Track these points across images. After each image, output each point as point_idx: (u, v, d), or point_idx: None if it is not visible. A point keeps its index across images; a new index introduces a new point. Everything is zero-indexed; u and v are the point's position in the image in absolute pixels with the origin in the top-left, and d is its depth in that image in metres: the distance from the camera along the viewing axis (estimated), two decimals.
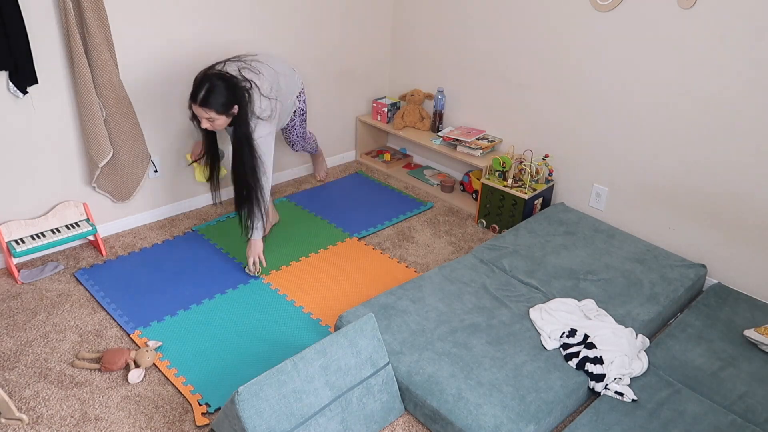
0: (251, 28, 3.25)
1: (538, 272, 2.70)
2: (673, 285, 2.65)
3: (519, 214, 3.18)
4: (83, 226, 2.87)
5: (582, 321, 2.38)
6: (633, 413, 2.04)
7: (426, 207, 3.57)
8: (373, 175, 3.95)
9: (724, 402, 2.11)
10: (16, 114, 2.62)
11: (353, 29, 3.76)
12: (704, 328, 2.47)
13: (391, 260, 3.04)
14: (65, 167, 2.84)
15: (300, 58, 3.55)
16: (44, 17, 2.54)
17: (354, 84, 3.94)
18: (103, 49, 2.63)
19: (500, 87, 3.47)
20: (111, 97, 2.73)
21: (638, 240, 2.98)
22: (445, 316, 2.39)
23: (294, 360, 1.86)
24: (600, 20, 2.92)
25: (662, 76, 2.78)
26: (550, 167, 3.32)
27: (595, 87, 3.03)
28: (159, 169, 3.17)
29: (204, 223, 3.26)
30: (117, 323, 2.50)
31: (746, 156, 2.61)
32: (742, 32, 2.49)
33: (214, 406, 2.13)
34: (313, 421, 1.87)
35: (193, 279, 2.80)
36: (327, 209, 3.49)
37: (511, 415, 1.95)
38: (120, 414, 2.09)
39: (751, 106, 2.54)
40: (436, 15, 3.66)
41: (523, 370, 2.14)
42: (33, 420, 2.05)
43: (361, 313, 2.34)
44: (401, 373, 2.12)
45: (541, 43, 3.19)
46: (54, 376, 2.23)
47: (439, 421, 2.02)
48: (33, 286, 2.70)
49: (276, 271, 2.89)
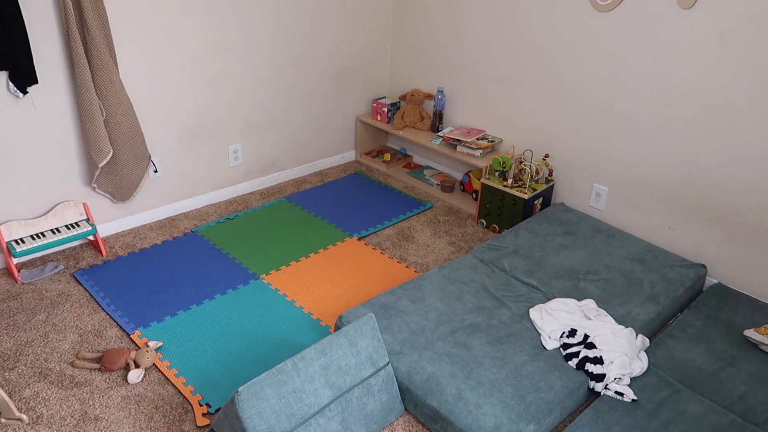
0: (251, 28, 3.25)
1: (538, 272, 2.70)
2: (673, 285, 2.65)
3: (519, 214, 3.18)
4: (83, 226, 2.87)
5: (582, 321, 2.38)
6: (633, 413, 2.04)
7: (426, 207, 3.57)
8: (373, 175, 3.95)
9: (724, 402, 2.11)
10: (16, 114, 2.62)
11: (353, 29, 3.76)
12: (704, 328, 2.47)
13: (391, 260, 3.04)
14: (65, 167, 2.84)
15: (300, 58, 3.55)
16: (44, 17, 2.54)
17: (354, 84, 3.94)
18: (103, 49, 2.63)
19: (500, 87, 3.47)
20: (111, 97, 2.73)
21: (638, 240, 2.98)
22: (445, 316, 2.39)
23: (294, 360, 1.86)
24: (600, 20, 2.91)
25: (662, 76, 2.78)
26: (550, 167, 3.32)
27: (595, 87, 3.03)
28: (159, 169, 3.17)
29: (204, 224, 3.26)
30: (117, 323, 2.50)
31: (746, 156, 2.61)
32: (742, 32, 2.49)
33: (214, 406, 2.13)
34: (313, 421, 1.87)
35: (193, 279, 2.80)
36: (327, 209, 3.49)
37: (511, 415, 1.95)
38: (120, 414, 2.09)
39: (751, 105, 2.54)
40: (436, 15, 3.66)
41: (523, 370, 2.14)
42: (33, 420, 2.05)
43: (361, 313, 2.34)
44: (401, 373, 2.12)
45: (541, 43, 3.19)
46: (54, 376, 2.23)
47: (439, 421, 2.02)
48: (33, 286, 2.70)
49: (276, 271, 2.89)
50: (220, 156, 3.43)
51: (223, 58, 3.20)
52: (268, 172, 3.72)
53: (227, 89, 3.29)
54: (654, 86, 2.81)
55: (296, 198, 3.60)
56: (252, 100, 3.43)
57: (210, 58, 3.15)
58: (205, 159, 3.36)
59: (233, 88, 3.31)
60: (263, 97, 3.47)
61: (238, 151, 3.49)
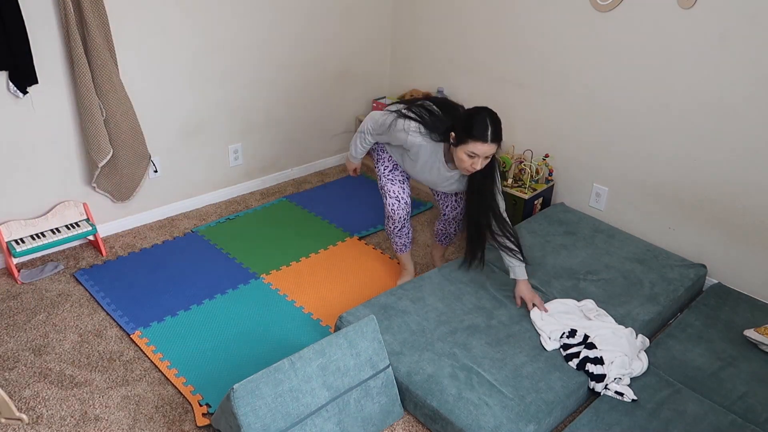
0: (251, 27, 3.25)
1: (538, 272, 2.70)
2: (673, 285, 2.65)
3: (519, 214, 3.18)
4: (83, 226, 2.87)
5: (582, 321, 2.37)
6: (633, 413, 2.04)
7: (426, 207, 3.57)
8: (373, 176, 3.94)
9: (724, 402, 2.11)
10: (16, 114, 2.62)
11: (353, 29, 3.75)
12: (704, 328, 2.47)
13: (391, 260, 3.03)
14: (65, 167, 2.85)
15: (300, 58, 3.55)
16: (44, 17, 2.54)
17: (354, 84, 3.94)
18: (103, 49, 2.63)
19: (500, 87, 3.47)
20: (111, 97, 2.73)
21: (638, 240, 2.98)
22: (444, 316, 2.39)
23: (291, 359, 1.86)
24: (600, 20, 2.91)
25: (662, 76, 2.77)
26: (550, 167, 3.31)
27: (595, 87, 3.03)
28: (159, 169, 3.17)
29: (204, 224, 3.26)
30: (117, 323, 2.50)
31: (746, 156, 2.60)
32: (742, 32, 2.49)
33: (214, 406, 2.13)
34: (309, 421, 1.86)
35: (193, 279, 2.80)
36: (327, 209, 3.49)
37: (510, 415, 1.95)
38: (120, 414, 2.09)
39: (751, 105, 2.54)
40: (436, 15, 3.66)
41: (523, 370, 2.14)
42: (33, 420, 2.05)
43: (361, 314, 2.33)
44: (401, 374, 2.12)
45: (541, 43, 3.18)
46: (54, 376, 2.23)
47: (439, 421, 2.02)
48: (33, 286, 2.70)
49: (276, 271, 2.89)
50: (220, 156, 3.43)
51: (223, 58, 3.20)
52: (268, 172, 3.72)
53: (227, 89, 3.29)
54: (654, 86, 2.81)
55: (296, 198, 3.60)
56: (252, 100, 3.43)
57: (210, 58, 3.15)
58: (205, 159, 3.36)
59: (233, 87, 3.31)
60: (263, 97, 3.47)
61: (238, 151, 3.49)
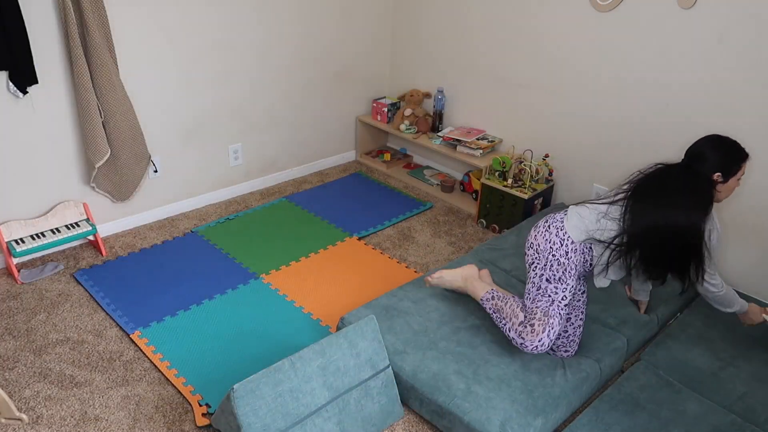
0: (251, 27, 3.25)
1: None
2: (673, 285, 2.65)
3: (519, 214, 3.18)
4: (83, 226, 2.87)
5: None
6: (633, 413, 2.04)
7: (426, 207, 3.57)
8: (373, 175, 3.94)
9: (724, 402, 2.11)
10: (16, 114, 2.62)
11: (353, 29, 3.75)
12: (704, 328, 2.47)
13: (391, 260, 3.03)
14: (65, 167, 2.84)
15: (300, 58, 3.55)
16: (44, 17, 2.54)
17: (354, 84, 3.94)
18: (103, 49, 2.63)
19: (500, 87, 3.47)
20: (111, 97, 2.73)
21: None
22: (446, 316, 2.39)
23: (291, 359, 1.86)
24: (600, 20, 2.91)
25: (662, 76, 2.77)
26: (550, 167, 3.31)
27: (595, 87, 3.03)
28: (159, 169, 3.17)
29: (204, 224, 3.26)
30: (117, 323, 2.50)
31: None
32: (742, 32, 2.49)
33: (214, 406, 2.13)
34: (309, 421, 1.86)
35: (192, 279, 2.80)
36: (327, 209, 3.49)
37: (519, 409, 1.96)
38: (120, 414, 2.09)
39: (751, 106, 2.54)
40: (436, 15, 3.66)
41: (531, 366, 2.15)
42: (33, 420, 2.05)
43: (363, 315, 2.33)
44: (406, 372, 2.12)
45: (541, 42, 3.18)
46: (54, 376, 2.23)
47: (446, 416, 2.01)
48: (33, 286, 2.70)
49: (276, 271, 2.89)
50: (220, 156, 3.43)
51: (223, 58, 3.20)
52: (268, 172, 3.72)
53: (227, 89, 3.29)
54: (654, 86, 2.81)
55: (296, 198, 3.60)
56: (252, 100, 3.43)
57: (210, 58, 3.15)
58: (205, 159, 3.36)
59: (233, 88, 3.31)
60: (263, 97, 3.47)
61: (238, 151, 3.49)
